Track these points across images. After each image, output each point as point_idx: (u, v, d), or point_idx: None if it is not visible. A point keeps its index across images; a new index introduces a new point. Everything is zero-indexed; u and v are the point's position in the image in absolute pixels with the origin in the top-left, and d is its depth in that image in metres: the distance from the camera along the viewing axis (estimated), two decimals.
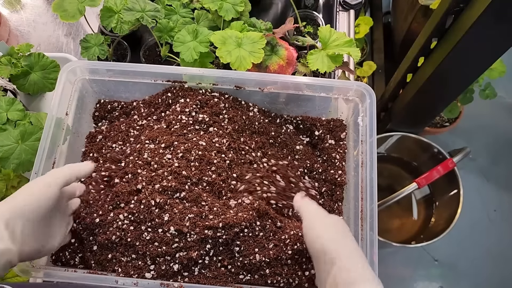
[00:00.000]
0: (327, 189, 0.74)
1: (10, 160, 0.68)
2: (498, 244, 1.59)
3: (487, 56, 0.88)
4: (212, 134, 0.71)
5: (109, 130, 0.77)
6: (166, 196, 0.65)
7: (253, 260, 0.62)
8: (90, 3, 0.81)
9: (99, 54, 0.83)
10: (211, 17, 0.86)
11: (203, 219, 0.63)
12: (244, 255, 0.63)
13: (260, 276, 0.62)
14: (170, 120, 0.72)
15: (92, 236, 0.66)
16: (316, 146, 0.79)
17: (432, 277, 1.55)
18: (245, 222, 0.62)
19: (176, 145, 0.69)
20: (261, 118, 0.76)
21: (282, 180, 0.69)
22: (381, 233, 1.34)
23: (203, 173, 0.67)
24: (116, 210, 0.65)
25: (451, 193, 1.33)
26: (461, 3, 0.79)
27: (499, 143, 1.74)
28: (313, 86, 0.73)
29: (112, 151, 0.74)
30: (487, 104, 1.51)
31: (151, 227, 0.63)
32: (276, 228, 0.64)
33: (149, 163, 0.67)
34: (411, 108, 1.14)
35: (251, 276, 0.63)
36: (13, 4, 1.08)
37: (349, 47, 0.76)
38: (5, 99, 0.74)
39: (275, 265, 0.63)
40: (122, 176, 0.68)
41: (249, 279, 0.62)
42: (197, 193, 0.65)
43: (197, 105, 0.72)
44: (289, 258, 0.62)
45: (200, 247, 0.62)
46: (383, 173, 1.50)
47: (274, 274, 0.62)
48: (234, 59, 0.73)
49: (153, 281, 0.61)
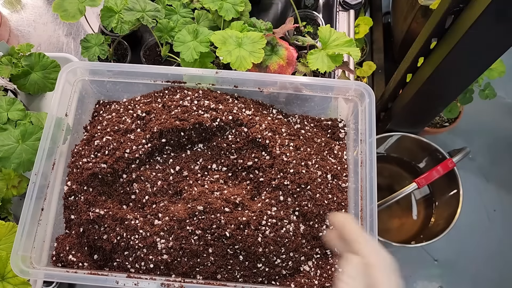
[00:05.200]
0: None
1: (10, 159, 0.68)
2: (498, 244, 1.59)
3: (487, 56, 0.87)
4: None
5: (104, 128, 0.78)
6: (166, 197, 0.65)
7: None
8: (91, 3, 0.81)
9: (100, 54, 0.83)
10: (211, 17, 0.86)
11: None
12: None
13: None
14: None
15: (92, 236, 0.66)
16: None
17: (432, 277, 1.55)
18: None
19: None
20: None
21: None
22: (381, 233, 1.34)
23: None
24: (120, 212, 0.65)
25: (450, 193, 1.33)
26: (461, 3, 0.79)
27: (499, 143, 1.74)
28: (313, 86, 0.73)
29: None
30: (487, 104, 1.51)
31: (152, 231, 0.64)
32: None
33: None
34: (410, 108, 1.14)
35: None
36: (13, 4, 1.08)
37: (349, 47, 0.76)
38: (5, 99, 0.75)
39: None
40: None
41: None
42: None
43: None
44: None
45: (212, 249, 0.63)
46: (383, 173, 1.50)
47: None
48: (234, 59, 0.73)
49: (153, 281, 0.61)
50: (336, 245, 0.53)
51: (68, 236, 0.69)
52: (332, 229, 0.55)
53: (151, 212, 0.67)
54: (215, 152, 0.71)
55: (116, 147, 0.69)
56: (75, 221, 0.68)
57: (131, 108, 0.74)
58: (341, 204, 0.70)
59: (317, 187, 0.69)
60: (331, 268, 0.68)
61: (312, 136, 0.76)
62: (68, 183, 0.70)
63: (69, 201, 0.69)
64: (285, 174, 0.68)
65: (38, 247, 0.65)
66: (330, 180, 0.72)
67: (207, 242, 0.63)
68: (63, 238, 0.69)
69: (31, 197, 0.63)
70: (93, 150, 0.69)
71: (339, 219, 0.53)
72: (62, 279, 0.62)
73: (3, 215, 0.76)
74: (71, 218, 0.68)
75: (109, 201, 0.68)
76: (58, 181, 0.70)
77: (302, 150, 0.71)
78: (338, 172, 0.73)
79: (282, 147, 0.70)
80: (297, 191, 0.67)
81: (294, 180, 0.67)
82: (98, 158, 0.68)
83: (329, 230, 0.61)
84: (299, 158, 0.70)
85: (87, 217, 0.66)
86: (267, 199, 0.67)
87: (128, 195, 0.69)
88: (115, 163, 0.68)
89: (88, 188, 0.68)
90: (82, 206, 0.67)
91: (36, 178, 0.64)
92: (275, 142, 0.70)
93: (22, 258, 0.61)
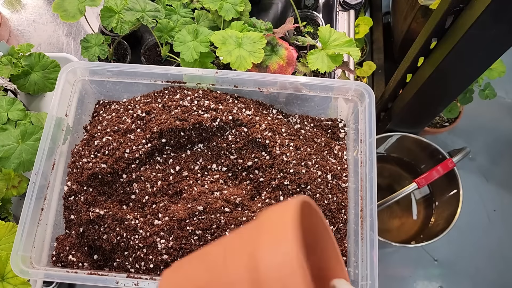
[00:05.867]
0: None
1: (10, 159, 0.68)
2: (498, 244, 1.58)
3: (487, 56, 0.87)
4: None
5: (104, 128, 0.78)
6: (166, 197, 0.65)
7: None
8: (91, 3, 0.81)
9: (100, 54, 0.83)
10: (211, 17, 0.86)
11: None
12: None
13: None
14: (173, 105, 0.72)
15: (92, 236, 0.66)
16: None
17: (432, 277, 1.55)
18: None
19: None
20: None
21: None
22: (381, 233, 1.34)
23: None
24: (120, 212, 0.65)
25: (450, 193, 1.33)
26: (461, 3, 0.79)
27: (499, 143, 1.74)
28: (313, 86, 0.73)
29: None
30: (487, 104, 1.51)
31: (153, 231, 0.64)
32: None
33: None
34: (410, 108, 1.14)
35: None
36: (13, 4, 1.08)
37: (349, 47, 0.76)
38: (5, 99, 0.75)
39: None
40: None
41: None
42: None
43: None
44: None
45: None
46: (383, 173, 1.50)
47: None
48: (234, 59, 0.73)
49: (154, 281, 0.61)
50: None
51: (68, 236, 0.69)
52: None
53: (151, 212, 0.67)
54: (215, 152, 0.71)
55: (116, 147, 0.69)
56: (75, 221, 0.68)
57: (131, 108, 0.74)
58: (341, 204, 0.70)
59: (317, 187, 0.69)
60: None
61: (312, 136, 0.76)
62: (68, 183, 0.70)
63: (69, 201, 0.69)
64: (285, 174, 0.68)
65: (38, 247, 0.65)
66: (330, 180, 0.72)
67: (207, 242, 0.63)
68: (63, 238, 0.69)
69: (31, 197, 0.63)
70: (93, 150, 0.69)
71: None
72: (62, 279, 0.62)
73: (3, 215, 0.76)
74: (71, 218, 0.68)
75: (109, 201, 0.68)
76: (58, 181, 0.70)
77: (302, 150, 0.71)
78: (338, 172, 0.73)
79: (282, 147, 0.70)
80: (297, 191, 0.67)
81: (294, 180, 0.67)
82: (98, 158, 0.68)
83: None
84: (299, 158, 0.70)
85: (87, 217, 0.66)
86: (267, 199, 0.67)
87: (128, 195, 0.69)
88: (115, 163, 0.68)
89: (88, 188, 0.68)
90: (82, 206, 0.67)
91: (36, 178, 0.64)
92: (275, 142, 0.70)
93: (22, 258, 0.61)
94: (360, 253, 0.64)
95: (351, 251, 0.68)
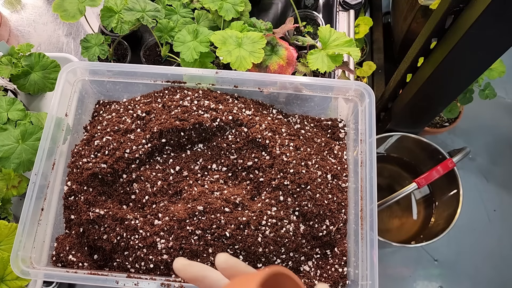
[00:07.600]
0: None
1: (10, 159, 0.68)
2: (498, 244, 1.59)
3: (487, 56, 0.87)
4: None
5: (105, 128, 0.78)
6: (166, 197, 0.65)
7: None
8: (91, 3, 0.81)
9: (100, 54, 0.83)
10: (211, 17, 0.86)
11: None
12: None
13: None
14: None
15: (92, 236, 0.66)
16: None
17: (432, 277, 1.55)
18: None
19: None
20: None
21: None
22: (381, 233, 1.34)
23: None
24: (121, 211, 0.65)
25: (450, 193, 1.33)
26: (461, 3, 0.79)
27: (499, 143, 1.74)
28: (313, 86, 0.73)
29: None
30: (487, 104, 1.51)
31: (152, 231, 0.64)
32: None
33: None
34: (411, 108, 1.14)
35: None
36: (13, 4, 1.08)
37: (349, 47, 0.76)
38: (5, 99, 0.75)
39: None
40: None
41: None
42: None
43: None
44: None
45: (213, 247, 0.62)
46: (383, 173, 1.50)
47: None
48: (234, 59, 0.73)
49: (153, 281, 0.61)
50: None
51: (68, 236, 0.69)
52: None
53: (151, 212, 0.67)
54: (215, 152, 0.71)
55: (116, 147, 0.69)
56: (75, 221, 0.68)
57: (131, 108, 0.74)
58: (341, 204, 0.70)
59: (317, 187, 0.69)
60: (331, 268, 0.68)
61: (312, 136, 0.76)
62: (68, 183, 0.70)
63: (69, 201, 0.69)
64: (285, 174, 0.68)
65: (38, 247, 0.65)
66: (330, 180, 0.72)
67: (207, 242, 0.63)
68: (63, 238, 0.69)
69: (31, 197, 0.63)
70: (93, 150, 0.69)
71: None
72: (62, 279, 0.62)
73: (3, 215, 0.76)
74: (71, 218, 0.68)
75: (109, 201, 0.68)
76: (58, 181, 0.70)
77: (302, 150, 0.72)
78: (338, 172, 0.73)
79: (282, 147, 0.70)
80: (297, 191, 0.67)
81: (294, 180, 0.67)
82: (98, 158, 0.68)
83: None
84: (299, 158, 0.70)
85: (87, 217, 0.66)
86: (267, 199, 0.67)
87: (128, 195, 0.69)
88: (115, 163, 0.68)
89: (88, 188, 0.68)
90: (82, 206, 0.67)
91: (36, 178, 0.64)
92: (275, 142, 0.70)
93: (22, 258, 0.61)
94: (360, 253, 0.64)
95: (351, 251, 0.68)
